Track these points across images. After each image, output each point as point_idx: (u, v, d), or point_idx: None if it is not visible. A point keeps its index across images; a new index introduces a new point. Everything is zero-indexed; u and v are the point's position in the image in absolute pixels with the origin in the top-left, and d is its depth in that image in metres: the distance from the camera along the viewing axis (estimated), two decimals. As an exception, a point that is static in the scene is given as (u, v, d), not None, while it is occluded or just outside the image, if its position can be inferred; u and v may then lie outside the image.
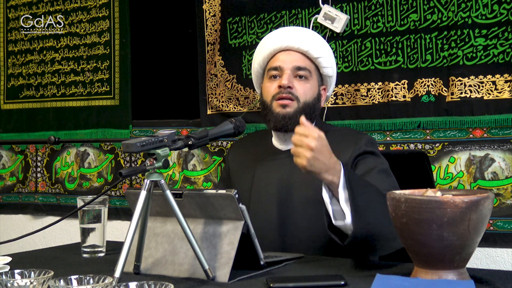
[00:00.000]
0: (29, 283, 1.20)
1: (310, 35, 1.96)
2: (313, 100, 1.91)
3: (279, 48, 1.93)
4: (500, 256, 2.38)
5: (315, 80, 1.94)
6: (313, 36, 1.97)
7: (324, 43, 1.98)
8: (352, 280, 1.38)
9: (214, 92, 2.93)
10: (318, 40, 1.96)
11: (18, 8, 3.57)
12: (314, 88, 1.93)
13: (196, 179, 3.01)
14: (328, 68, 1.95)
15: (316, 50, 1.92)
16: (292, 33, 1.95)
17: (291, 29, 2.00)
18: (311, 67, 1.92)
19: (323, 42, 1.98)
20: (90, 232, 1.82)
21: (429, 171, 2.06)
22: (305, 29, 2.04)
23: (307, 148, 1.53)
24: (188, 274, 1.47)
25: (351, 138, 1.90)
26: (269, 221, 1.87)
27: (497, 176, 2.36)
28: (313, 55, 1.91)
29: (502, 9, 2.32)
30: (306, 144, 1.53)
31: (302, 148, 1.54)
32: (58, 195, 3.43)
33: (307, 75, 1.91)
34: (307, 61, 1.92)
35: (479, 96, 2.36)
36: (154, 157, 1.41)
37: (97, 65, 3.30)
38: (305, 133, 1.54)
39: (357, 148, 1.85)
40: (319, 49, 1.93)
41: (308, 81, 1.91)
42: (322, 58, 1.93)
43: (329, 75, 1.96)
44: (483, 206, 1.26)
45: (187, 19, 3.05)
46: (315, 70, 1.94)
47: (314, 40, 1.94)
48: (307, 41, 1.92)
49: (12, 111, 3.60)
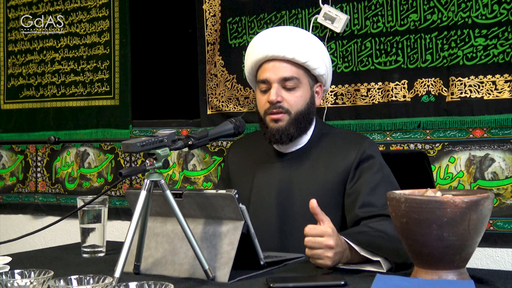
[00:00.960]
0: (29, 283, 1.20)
1: (294, 39, 1.87)
2: (305, 106, 1.88)
3: (264, 58, 1.87)
4: (500, 256, 2.38)
5: (305, 85, 1.89)
6: (297, 39, 1.87)
7: (309, 43, 1.88)
8: (352, 280, 1.38)
9: (214, 92, 2.93)
10: (303, 43, 1.87)
11: (18, 8, 3.57)
12: (306, 93, 1.88)
13: (196, 179, 3.01)
14: (319, 68, 1.89)
15: (302, 55, 1.85)
16: (276, 41, 1.86)
17: (274, 35, 1.89)
18: (299, 73, 1.87)
19: (308, 42, 1.88)
20: (90, 232, 1.82)
21: (429, 171, 2.06)
22: (288, 32, 1.91)
23: (327, 248, 1.48)
24: (188, 274, 1.47)
25: (354, 141, 1.89)
26: (269, 224, 1.87)
27: (497, 176, 2.36)
28: (299, 61, 1.85)
29: (502, 9, 2.32)
30: (325, 244, 1.48)
31: (321, 250, 1.49)
32: (58, 195, 3.43)
33: (296, 84, 1.86)
34: (294, 69, 1.86)
35: (479, 96, 2.36)
36: (154, 157, 1.41)
37: (97, 65, 3.30)
38: (318, 234, 1.50)
39: (361, 152, 1.85)
40: (305, 52, 1.85)
41: (297, 90, 1.86)
42: (310, 61, 1.86)
43: (320, 74, 1.90)
44: (483, 206, 1.26)
45: (187, 19, 3.05)
46: (305, 74, 1.88)
47: (298, 44, 1.86)
48: (291, 47, 1.84)
49: (12, 111, 3.60)
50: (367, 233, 1.66)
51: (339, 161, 1.86)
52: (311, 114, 1.91)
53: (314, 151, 1.91)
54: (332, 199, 1.84)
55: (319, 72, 1.90)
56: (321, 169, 1.87)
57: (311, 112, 1.90)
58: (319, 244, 1.49)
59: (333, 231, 1.50)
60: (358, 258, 1.55)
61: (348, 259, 1.54)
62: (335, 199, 1.84)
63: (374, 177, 1.81)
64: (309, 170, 1.88)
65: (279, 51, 1.85)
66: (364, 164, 1.83)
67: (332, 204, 1.84)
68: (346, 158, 1.84)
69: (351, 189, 1.82)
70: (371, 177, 1.81)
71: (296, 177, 1.88)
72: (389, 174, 1.86)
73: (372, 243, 1.55)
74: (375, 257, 1.51)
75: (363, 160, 1.84)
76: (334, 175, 1.85)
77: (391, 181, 1.83)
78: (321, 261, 1.50)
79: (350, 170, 1.83)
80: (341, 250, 1.52)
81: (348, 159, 1.84)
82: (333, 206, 1.84)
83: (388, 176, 1.85)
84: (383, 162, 1.87)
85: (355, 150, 1.85)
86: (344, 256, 1.53)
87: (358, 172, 1.83)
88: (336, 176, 1.85)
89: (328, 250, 1.48)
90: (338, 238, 1.51)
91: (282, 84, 1.86)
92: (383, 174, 1.83)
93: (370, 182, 1.80)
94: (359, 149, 1.85)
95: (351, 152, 1.85)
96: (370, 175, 1.81)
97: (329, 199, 1.84)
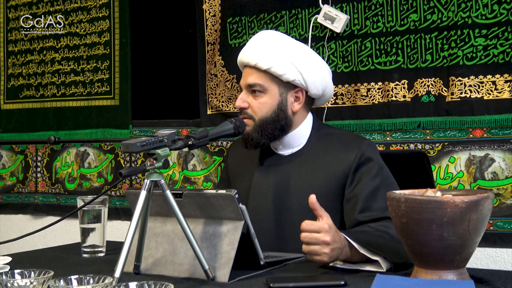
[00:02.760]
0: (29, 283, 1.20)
1: (260, 45, 1.85)
2: (272, 113, 1.85)
3: (241, 64, 1.92)
4: (500, 256, 2.38)
5: (273, 91, 1.85)
6: (263, 45, 1.85)
7: (276, 48, 1.84)
8: (352, 280, 1.38)
9: (214, 92, 2.93)
10: (268, 49, 1.84)
11: (18, 8, 3.57)
12: (272, 99, 1.85)
13: (196, 179, 3.01)
14: (286, 74, 1.83)
15: (265, 61, 1.82)
16: (247, 47, 1.88)
17: (249, 42, 1.90)
18: (264, 80, 1.84)
19: (275, 47, 1.84)
20: (90, 232, 1.82)
21: (429, 171, 2.06)
22: (258, 38, 1.89)
23: (323, 244, 1.48)
24: (188, 274, 1.47)
25: (352, 143, 1.87)
26: (266, 226, 1.86)
27: (497, 176, 2.36)
28: (261, 67, 1.82)
29: (502, 9, 2.32)
30: (321, 240, 1.48)
31: (318, 246, 1.49)
32: (58, 195, 3.43)
33: (262, 90, 1.85)
34: (259, 75, 1.84)
35: (479, 96, 2.36)
36: (154, 157, 1.41)
37: (97, 65, 3.30)
38: (315, 229, 1.50)
39: (360, 155, 1.83)
40: (268, 58, 1.82)
41: (262, 96, 1.85)
42: (274, 67, 1.82)
43: (289, 79, 1.83)
44: (483, 206, 1.26)
45: (187, 19, 3.05)
46: (273, 80, 1.85)
47: (263, 50, 1.84)
48: (255, 54, 1.83)
49: (12, 111, 3.60)
50: (368, 233, 1.66)
51: (337, 163, 1.85)
52: (282, 120, 1.86)
53: (312, 154, 1.90)
54: (329, 203, 1.82)
55: (288, 78, 1.84)
56: (319, 172, 1.86)
57: (281, 119, 1.86)
58: (315, 240, 1.49)
59: (330, 227, 1.50)
60: (358, 257, 1.55)
61: (347, 256, 1.54)
62: (333, 203, 1.83)
63: (373, 181, 1.80)
64: (307, 172, 1.87)
65: (246, 58, 1.87)
66: (363, 168, 1.82)
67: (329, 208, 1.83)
68: (344, 161, 1.83)
69: (350, 193, 1.81)
70: (371, 181, 1.80)
71: (293, 179, 1.88)
72: (388, 176, 1.84)
73: (372, 242, 1.55)
74: (374, 256, 1.51)
75: (362, 163, 1.82)
76: (333, 179, 1.84)
77: (391, 183, 1.82)
78: (318, 257, 1.50)
79: (349, 174, 1.82)
80: (340, 246, 1.52)
81: (347, 162, 1.83)
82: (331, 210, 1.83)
83: (387, 178, 1.84)
84: (383, 163, 1.86)
85: (354, 153, 1.83)
86: (343, 253, 1.53)
87: (357, 176, 1.82)
88: (335, 179, 1.84)
89: (325, 246, 1.48)
90: (336, 234, 1.51)
91: (249, 90, 1.87)
92: (382, 177, 1.82)
93: (370, 186, 1.79)
94: (358, 151, 1.83)
95: (349, 155, 1.84)
96: (369, 179, 1.80)
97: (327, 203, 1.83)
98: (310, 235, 1.49)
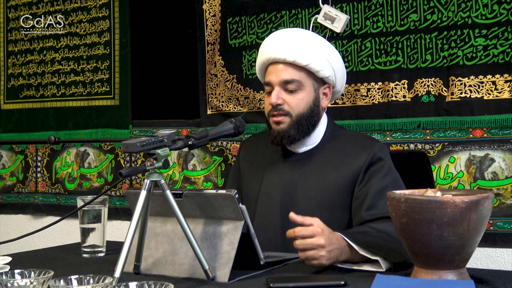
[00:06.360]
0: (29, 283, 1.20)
1: (296, 42, 1.86)
2: (308, 108, 1.87)
3: (268, 60, 1.89)
4: (500, 256, 2.38)
5: (309, 87, 1.88)
6: (299, 42, 1.86)
7: (312, 45, 1.86)
8: (352, 280, 1.38)
9: (214, 92, 2.93)
10: (305, 45, 1.85)
11: (18, 8, 3.57)
12: (309, 95, 1.87)
13: (196, 179, 3.01)
14: (322, 70, 1.86)
15: (304, 57, 1.83)
16: (278, 44, 1.87)
17: (278, 38, 1.89)
18: (301, 76, 1.86)
19: (311, 44, 1.87)
20: (90, 232, 1.82)
21: (429, 171, 2.06)
22: (291, 34, 1.90)
23: (319, 248, 1.49)
24: (188, 274, 1.47)
25: (364, 144, 1.88)
26: (273, 223, 1.87)
27: (497, 176, 2.36)
28: (301, 63, 1.84)
29: (502, 9, 2.32)
30: (316, 244, 1.48)
31: (314, 251, 1.49)
32: (58, 195, 3.43)
33: (298, 87, 1.86)
34: (295, 72, 1.85)
35: (479, 96, 2.36)
36: (154, 157, 1.41)
37: (97, 65, 3.30)
38: (308, 234, 1.50)
39: (371, 155, 1.84)
40: (307, 55, 1.84)
41: (299, 93, 1.86)
42: (312, 64, 1.84)
43: (325, 76, 1.88)
44: (483, 206, 1.27)
45: (187, 19, 3.05)
46: (308, 76, 1.87)
47: (300, 46, 1.85)
48: (292, 50, 1.84)
49: (12, 111, 3.60)
50: (368, 233, 1.66)
51: (349, 163, 1.86)
52: (315, 116, 1.89)
53: (325, 152, 1.91)
54: (339, 201, 1.84)
55: (324, 74, 1.88)
56: (330, 171, 1.87)
57: (315, 115, 1.89)
58: (310, 245, 1.49)
59: (324, 230, 1.51)
60: (358, 257, 1.55)
61: (348, 256, 1.55)
62: (342, 201, 1.84)
63: (382, 181, 1.81)
64: (318, 171, 1.88)
65: (280, 54, 1.85)
66: (373, 167, 1.83)
67: (339, 206, 1.84)
68: (356, 161, 1.84)
69: (359, 192, 1.82)
70: (380, 180, 1.81)
71: (304, 177, 1.88)
72: (397, 178, 1.85)
73: (372, 243, 1.55)
74: (374, 256, 1.51)
75: (373, 163, 1.84)
76: (343, 177, 1.85)
77: (399, 185, 1.83)
78: (316, 262, 1.50)
79: (360, 173, 1.83)
80: (337, 246, 1.52)
81: (358, 162, 1.84)
82: (340, 208, 1.85)
83: (396, 180, 1.84)
84: (393, 166, 1.87)
85: (366, 153, 1.85)
86: (343, 253, 1.53)
87: (367, 175, 1.83)
88: (345, 178, 1.85)
89: (321, 249, 1.49)
90: (332, 235, 1.52)
91: (283, 87, 1.86)
92: (391, 178, 1.83)
93: (378, 185, 1.80)
94: (370, 152, 1.85)
95: (361, 155, 1.85)
96: (378, 178, 1.81)
97: (336, 200, 1.84)
98: (305, 241, 1.50)
